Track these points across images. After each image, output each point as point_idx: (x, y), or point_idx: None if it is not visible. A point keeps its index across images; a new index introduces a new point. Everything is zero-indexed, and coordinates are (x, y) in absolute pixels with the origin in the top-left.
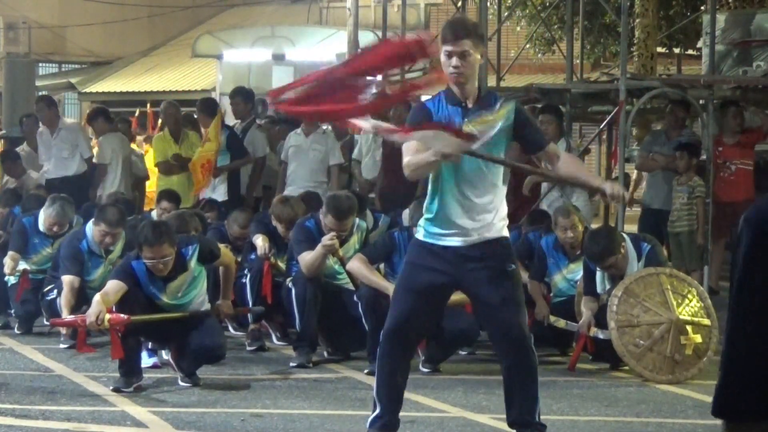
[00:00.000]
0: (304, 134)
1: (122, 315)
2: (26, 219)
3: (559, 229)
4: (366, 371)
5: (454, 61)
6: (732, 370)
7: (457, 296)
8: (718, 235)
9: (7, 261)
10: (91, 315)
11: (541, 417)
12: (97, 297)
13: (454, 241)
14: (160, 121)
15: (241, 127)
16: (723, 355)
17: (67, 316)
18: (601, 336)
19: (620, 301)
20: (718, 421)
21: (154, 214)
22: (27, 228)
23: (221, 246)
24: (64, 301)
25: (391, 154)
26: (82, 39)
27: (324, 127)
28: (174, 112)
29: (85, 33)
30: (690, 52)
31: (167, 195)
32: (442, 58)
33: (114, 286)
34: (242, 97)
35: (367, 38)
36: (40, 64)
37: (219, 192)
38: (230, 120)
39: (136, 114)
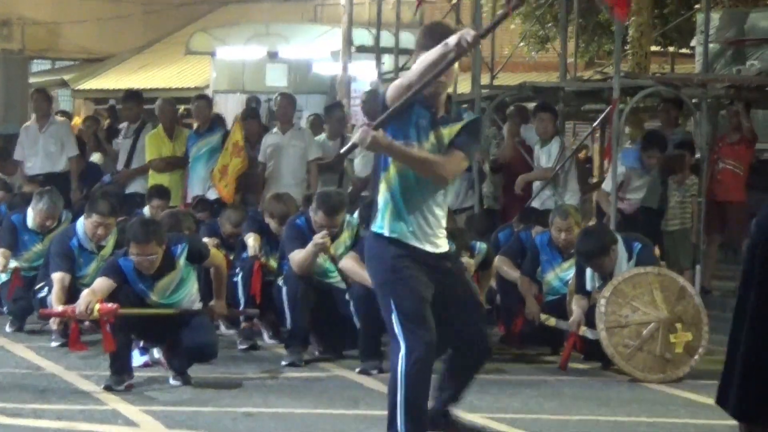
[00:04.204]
0: (280, 132)
1: (110, 304)
2: (15, 216)
3: (554, 228)
4: (357, 370)
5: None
6: (752, 376)
7: None
8: (710, 233)
9: None
10: (80, 304)
11: (527, 415)
12: (86, 290)
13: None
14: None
15: (134, 129)
16: (743, 362)
17: (57, 307)
18: (590, 336)
19: (608, 302)
20: (709, 420)
21: (146, 211)
22: (16, 225)
23: (211, 247)
24: (54, 298)
25: None
26: (75, 36)
27: (299, 124)
28: (169, 110)
29: (79, 30)
30: (684, 50)
31: (158, 192)
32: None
33: (102, 283)
34: (135, 101)
35: (361, 36)
36: (34, 61)
37: (212, 191)
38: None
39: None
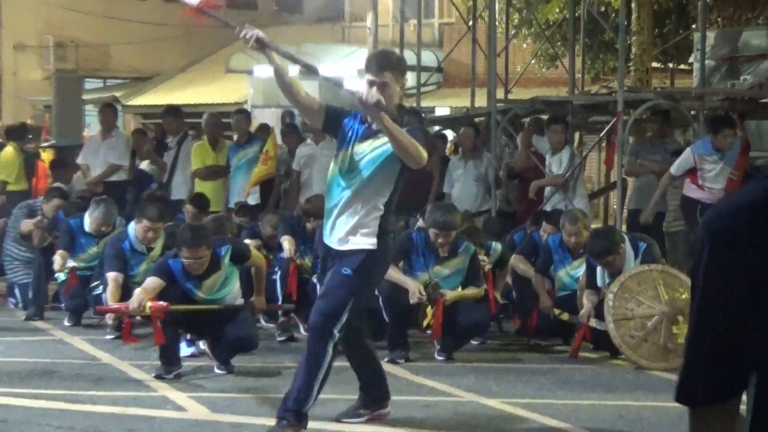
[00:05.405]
0: (314, 143)
1: (161, 303)
2: (73, 221)
3: (565, 233)
4: (386, 359)
5: (374, 90)
6: (696, 361)
7: (470, 291)
8: None
9: (57, 258)
10: (133, 302)
11: (541, 400)
12: (138, 289)
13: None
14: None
15: (176, 141)
16: (688, 347)
17: (112, 304)
18: (599, 327)
19: (616, 297)
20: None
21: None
22: (73, 229)
23: (252, 249)
24: (110, 295)
25: None
26: (125, 56)
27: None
28: (214, 123)
29: (128, 50)
30: (682, 66)
31: (193, 199)
32: (364, 85)
33: (152, 282)
34: (173, 116)
35: None
36: (87, 80)
37: (253, 197)
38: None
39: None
